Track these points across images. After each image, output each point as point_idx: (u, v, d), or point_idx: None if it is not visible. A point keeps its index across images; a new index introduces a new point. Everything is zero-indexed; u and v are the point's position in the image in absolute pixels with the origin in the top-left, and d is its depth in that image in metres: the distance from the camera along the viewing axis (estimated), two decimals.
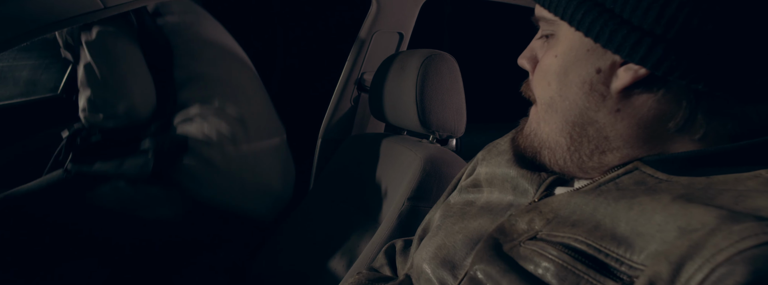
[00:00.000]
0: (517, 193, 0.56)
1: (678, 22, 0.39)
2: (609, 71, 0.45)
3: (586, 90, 0.46)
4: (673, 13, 0.39)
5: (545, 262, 0.44)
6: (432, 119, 1.08)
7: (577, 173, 0.51)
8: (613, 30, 0.42)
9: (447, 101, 1.08)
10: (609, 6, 0.42)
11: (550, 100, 0.49)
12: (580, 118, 0.48)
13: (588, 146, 0.48)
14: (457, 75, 1.10)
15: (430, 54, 1.07)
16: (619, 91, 0.44)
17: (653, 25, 0.40)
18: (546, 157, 0.52)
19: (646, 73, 0.42)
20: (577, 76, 0.46)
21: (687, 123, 0.43)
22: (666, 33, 0.40)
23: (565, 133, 0.49)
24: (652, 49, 0.41)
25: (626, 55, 0.42)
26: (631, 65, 0.43)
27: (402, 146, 1.11)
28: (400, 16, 1.60)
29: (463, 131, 1.14)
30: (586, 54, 0.45)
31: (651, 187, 0.44)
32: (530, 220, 0.49)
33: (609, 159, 0.48)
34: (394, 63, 1.15)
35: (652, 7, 0.40)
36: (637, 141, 0.46)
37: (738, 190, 0.39)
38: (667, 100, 0.43)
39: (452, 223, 0.60)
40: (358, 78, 1.68)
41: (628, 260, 0.40)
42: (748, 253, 0.32)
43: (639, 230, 0.40)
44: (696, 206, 0.38)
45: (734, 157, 0.42)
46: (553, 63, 0.48)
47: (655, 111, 0.44)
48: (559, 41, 0.48)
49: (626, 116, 0.45)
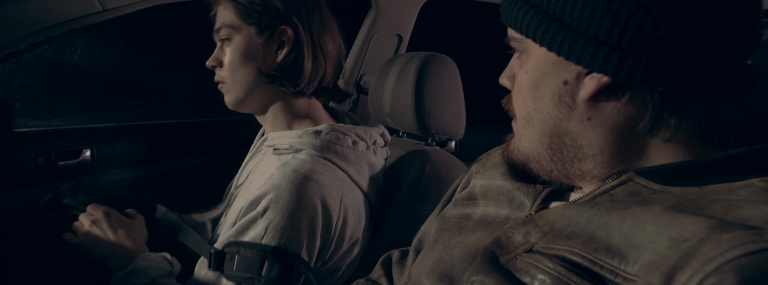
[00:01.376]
0: (514, 206, 0.57)
1: (630, 30, 0.42)
2: (575, 82, 0.47)
3: (556, 102, 0.49)
4: (625, 22, 0.42)
5: (541, 274, 0.44)
6: (431, 122, 1.08)
7: (566, 181, 0.53)
8: (572, 42, 0.45)
9: (446, 104, 1.08)
10: (567, 21, 0.45)
11: (527, 115, 0.52)
12: (555, 129, 0.50)
13: (567, 155, 0.50)
14: (456, 78, 1.10)
15: (429, 56, 1.07)
16: (587, 100, 0.47)
17: (608, 34, 0.43)
18: (534, 169, 0.54)
19: (608, 81, 0.45)
20: (547, 89, 0.49)
21: (655, 125, 0.45)
22: (620, 41, 0.42)
23: (544, 145, 0.51)
24: (609, 57, 0.43)
25: (587, 64, 0.45)
26: (594, 74, 0.45)
27: (401, 149, 1.11)
28: (399, 18, 1.60)
29: (462, 134, 1.14)
30: (553, 67, 0.48)
31: (645, 198, 0.44)
32: (526, 232, 0.50)
33: (588, 166, 0.50)
34: (393, 65, 1.15)
35: (604, 17, 0.42)
36: (612, 147, 0.48)
37: (729, 200, 0.40)
38: (633, 104, 0.45)
39: (449, 237, 0.60)
40: (356, 80, 1.68)
41: (623, 272, 0.40)
42: (737, 262, 0.33)
43: (632, 241, 0.40)
44: (686, 216, 0.39)
45: (726, 166, 0.43)
46: (525, 79, 0.51)
47: (624, 116, 0.46)
48: (529, 58, 0.50)
49: (598, 124, 0.47)
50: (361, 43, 1.63)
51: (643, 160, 0.47)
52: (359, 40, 1.63)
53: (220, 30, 0.94)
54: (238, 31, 0.93)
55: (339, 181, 0.90)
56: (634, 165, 0.48)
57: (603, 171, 0.49)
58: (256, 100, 0.97)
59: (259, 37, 0.93)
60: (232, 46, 0.94)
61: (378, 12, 1.56)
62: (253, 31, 0.93)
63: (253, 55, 0.93)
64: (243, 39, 0.93)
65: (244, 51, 0.93)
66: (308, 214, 0.83)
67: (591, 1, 0.43)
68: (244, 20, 0.93)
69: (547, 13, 0.46)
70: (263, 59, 0.93)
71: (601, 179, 0.50)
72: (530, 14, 0.47)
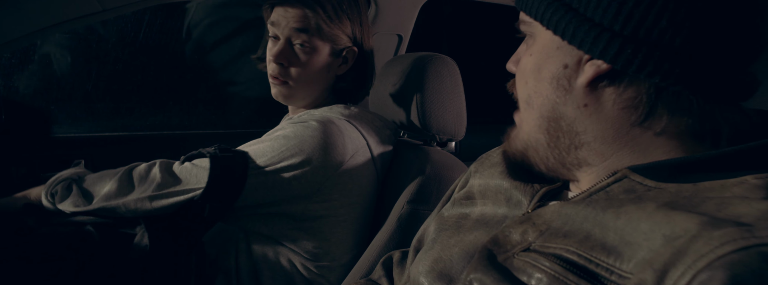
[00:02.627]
0: (511, 204, 0.57)
1: (634, 19, 0.43)
2: (575, 67, 0.48)
3: (554, 85, 0.49)
4: (630, 10, 0.43)
5: (538, 273, 0.45)
6: (432, 122, 1.07)
7: (562, 171, 0.53)
8: (577, 27, 0.46)
9: (447, 104, 1.08)
10: (575, 6, 0.46)
11: (528, 98, 0.53)
12: (552, 113, 0.51)
13: (564, 141, 0.51)
14: (457, 78, 1.10)
15: (430, 57, 1.07)
16: (585, 85, 0.47)
17: (612, 21, 0.44)
18: (532, 157, 0.55)
19: (607, 68, 0.45)
20: (548, 72, 0.50)
21: (648, 117, 0.46)
22: (623, 29, 0.43)
23: (542, 129, 0.52)
24: (609, 43, 0.44)
25: (588, 49, 0.46)
26: (594, 60, 0.46)
27: (402, 149, 1.11)
28: (399, 18, 1.60)
29: (463, 134, 1.14)
30: (556, 51, 0.49)
31: (639, 196, 0.44)
32: (524, 231, 0.50)
33: (582, 154, 0.50)
34: (394, 66, 1.15)
35: (611, 4, 0.43)
36: (606, 136, 0.48)
37: (722, 197, 0.40)
38: (628, 94, 0.46)
39: (448, 236, 0.60)
40: None
41: (618, 269, 0.40)
42: (727, 259, 0.33)
43: (626, 239, 0.41)
44: (679, 214, 0.39)
45: (721, 163, 0.43)
46: (529, 61, 0.52)
47: (619, 106, 0.47)
48: (535, 41, 0.52)
49: (594, 111, 0.48)
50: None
51: (636, 152, 0.48)
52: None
53: (304, 31, 0.99)
54: (319, 43, 1.01)
55: (357, 141, 0.99)
56: (626, 157, 0.48)
57: (597, 160, 0.50)
58: (307, 99, 1.08)
59: (332, 53, 1.04)
60: (315, 57, 1.02)
61: (378, 12, 1.56)
62: (330, 46, 1.03)
63: (331, 70, 1.05)
64: (324, 52, 1.03)
65: (325, 65, 1.04)
66: (309, 142, 0.92)
67: None
68: (329, 32, 1.01)
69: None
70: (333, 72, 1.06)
71: (596, 172, 0.50)
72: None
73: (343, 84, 1.07)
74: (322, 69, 1.03)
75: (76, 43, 1.56)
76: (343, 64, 1.05)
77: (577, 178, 0.53)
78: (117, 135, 1.44)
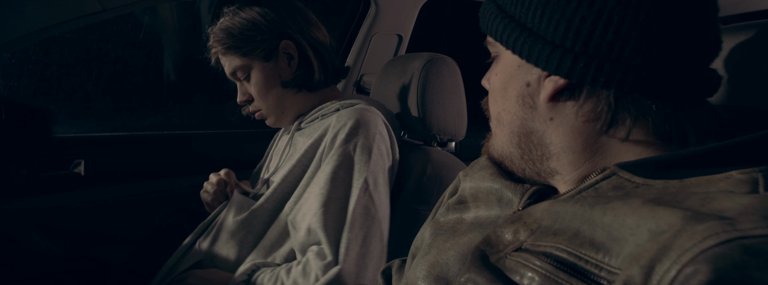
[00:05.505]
0: (503, 204, 0.58)
1: (582, 34, 0.45)
2: (536, 84, 0.50)
3: (520, 103, 0.52)
4: (577, 27, 0.45)
5: (530, 272, 0.45)
6: (433, 123, 1.07)
7: (539, 180, 0.55)
8: (532, 45, 0.48)
9: (448, 105, 1.08)
10: (529, 26, 0.49)
11: (498, 115, 0.55)
12: (522, 129, 0.53)
13: (536, 153, 0.53)
14: (458, 79, 1.10)
15: (431, 57, 1.07)
16: (547, 101, 0.50)
17: (563, 38, 0.46)
18: (509, 167, 0.58)
19: (565, 83, 0.48)
20: (514, 90, 0.52)
21: (612, 124, 0.48)
22: (574, 45, 0.46)
23: (513, 144, 0.55)
24: (562, 59, 0.46)
25: (544, 66, 0.48)
26: (552, 77, 0.48)
27: (402, 149, 1.11)
28: (399, 18, 1.60)
29: (464, 134, 1.14)
30: (518, 70, 0.52)
31: (627, 192, 0.45)
32: (515, 230, 0.51)
33: (554, 164, 0.52)
34: (395, 66, 1.15)
35: (560, 22, 0.46)
36: (575, 147, 0.50)
37: (707, 192, 0.40)
38: (589, 105, 0.48)
39: (444, 240, 0.61)
40: (357, 80, 1.68)
41: (607, 265, 0.41)
42: (710, 252, 0.33)
43: (614, 235, 0.41)
44: (664, 209, 0.39)
45: (708, 159, 0.44)
46: (496, 81, 0.55)
47: (582, 117, 0.49)
48: (500, 61, 0.54)
49: (559, 124, 0.50)
50: (361, 43, 1.63)
51: (607, 158, 0.49)
52: (359, 40, 1.63)
53: (235, 73, 1.05)
54: (250, 68, 1.04)
55: (384, 127, 1.00)
56: (599, 164, 0.50)
57: (569, 169, 0.51)
58: (292, 108, 1.09)
59: (269, 62, 1.03)
60: (253, 81, 1.04)
61: (378, 12, 1.56)
62: (262, 62, 1.03)
63: (273, 79, 1.04)
64: (258, 72, 1.04)
65: (264, 81, 1.04)
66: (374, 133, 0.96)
67: (549, 7, 0.47)
68: (249, 57, 1.03)
69: (513, 18, 0.50)
70: (281, 77, 1.05)
71: (571, 180, 0.52)
72: (499, 19, 0.51)
73: (296, 80, 1.05)
74: (268, 80, 1.04)
75: (76, 43, 1.55)
76: (290, 60, 1.04)
77: (555, 185, 0.54)
78: (117, 135, 1.42)
